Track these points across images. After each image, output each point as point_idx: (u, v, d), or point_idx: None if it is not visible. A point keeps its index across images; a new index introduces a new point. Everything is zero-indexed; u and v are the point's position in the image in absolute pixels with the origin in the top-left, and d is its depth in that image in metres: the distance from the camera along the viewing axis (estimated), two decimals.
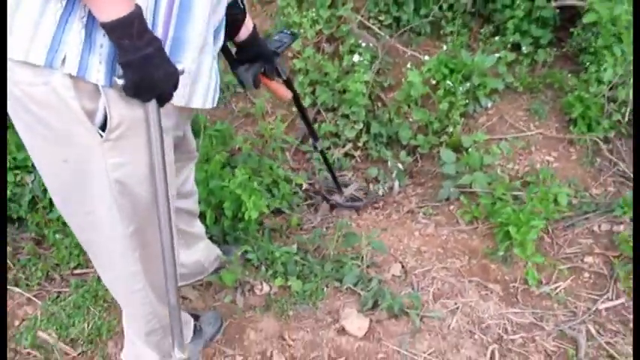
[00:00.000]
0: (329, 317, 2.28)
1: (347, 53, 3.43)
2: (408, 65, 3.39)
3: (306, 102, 3.45)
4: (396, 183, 3.26)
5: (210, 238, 2.60)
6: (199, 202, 2.40)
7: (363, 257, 2.50)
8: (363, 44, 3.47)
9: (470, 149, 3.10)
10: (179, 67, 1.36)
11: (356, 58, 3.30)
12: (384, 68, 3.53)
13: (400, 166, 3.31)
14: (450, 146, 3.20)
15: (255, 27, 1.88)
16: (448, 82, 3.25)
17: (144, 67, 1.19)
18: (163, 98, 1.30)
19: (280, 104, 3.56)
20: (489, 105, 3.34)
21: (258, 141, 3.05)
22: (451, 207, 3.01)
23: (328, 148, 3.43)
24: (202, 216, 2.52)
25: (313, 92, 3.44)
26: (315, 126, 3.40)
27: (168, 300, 1.59)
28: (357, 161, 3.44)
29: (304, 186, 3.18)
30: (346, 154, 3.43)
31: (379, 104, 3.50)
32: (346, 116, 3.38)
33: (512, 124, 3.02)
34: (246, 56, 1.95)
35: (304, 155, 3.46)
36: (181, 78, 1.39)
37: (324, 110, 3.49)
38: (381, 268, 2.65)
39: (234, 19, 1.73)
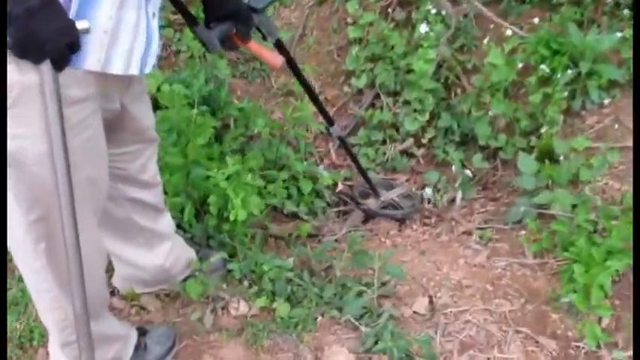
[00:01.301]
0: (312, 355, 2.23)
1: (420, 22, 3.38)
2: (491, 41, 3.24)
3: (362, 81, 3.46)
4: (459, 194, 3.17)
5: (192, 240, 2.64)
6: (180, 195, 2.47)
7: (375, 283, 2.41)
8: (443, 12, 3.36)
9: (561, 158, 2.92)
10: (83, 23, 1.38)
11: (423, 28, 3.22)
12: (469, 45, 3.43)
13: (469, 172, 3.22)
14: (538, 152, 3.04)
15: None
16: (543, 66, 3.08)
17: (27, 22, 1.22)
18: (58, 61, 1.31)
19: (333, 81, 3.55)
20: (606, 102, 3.09)
21: (277, 125, 3.04)
22: (522, 232, 2.84)
23: (383, 143, 3.39)
24: (179, 211, 2.55)
25: (372, 70, 3.45)
26: (370, 113, 3.38)
27: (73, 306, 1.60)
28: (417, 162, 3.38)
29: (339, 187, 3.17)
30: (404, 152, 3.40)
31: (457, 91, 3.41)
32: (409, 103, 3.31)
33: (632, 130, 2.78)
34: (214, 13, 1.98)
35: (353, 148, 3.40)
36: (94, 38, 1.42)
37: (385, 94, 3.44)
38: (400, 301, 2.56)
39: None
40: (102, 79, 1.54)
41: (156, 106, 2.79)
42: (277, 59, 2.12)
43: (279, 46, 2.16)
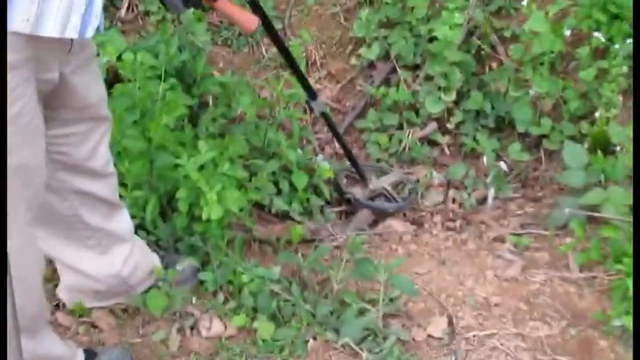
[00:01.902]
0: None
1: None
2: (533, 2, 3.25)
3: (374, 52, 3.48)
4: (491, 192, 3.17)
5: (155, 243, 2.66)
6: (141, 188, 2.49)
7: (380, 299, 2.43)
8: None
9: (618, 149, 2.95)
10: None
11: None
12: (507, 7, 3.47)
13: (504, 166, 3.23)
14: (590, 141, 3.07)
15: None
16: (598, 34, 3.09)
17: None
18: None
19: (338, 52, 3.58)
20: None
21: (266, 104, 3.06)
22: (566, 240, 2.86)
23: (399, 128, 3.41)
24: (141, 208, 2.57)
25: (386, 38, 3.48)
26: (382, 91, 3.39)
27: None
28: (441, 152, 3.41)
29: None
30: (425, 140, 3.42)
31: (491, 64, 3.44)
32: (431, 79, 3.33)
33: None
34: None
35: (360, 134, 3.47)
36: None
37: (402, 68, 3.45)
38: (412, 321, 2.51)
39: None
40: (34, 43, 1.57)
41: (116, 79, 2.82)
42: (250, 21, 2.13)
43: (254, 3, 2.18)
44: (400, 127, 3.36)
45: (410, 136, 3.35)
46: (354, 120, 3.44)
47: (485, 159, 3.21)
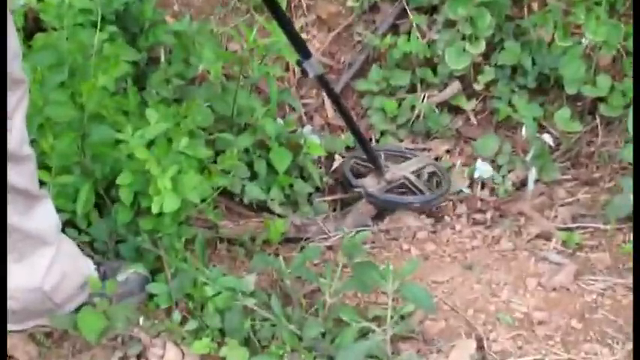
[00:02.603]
0: None
1: None
2: None
3: None
4: (532, 174, 3.14)
5: (90, 245, 2.64)
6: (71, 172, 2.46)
7: (388, 317, 2.39)
8: None
9: None
10: None
11: None
12: None
13: (548, 139, 3.18)
14: None
15: None
16: None
17: None
18: None
19: None
20: None
21: (235, 59, 3.02)
22: (632, 236, 2.84)
23: (411, 90, 3.39)
24: (70, 199, 2.54)
25: None
26: (389, 41, 3.37)
27: None
28: (466, 122, 3.38)
29: (335, 164, 3.20)
30: (445, 106, 3.39)
31: (533, 5, 3.43)
32: (452, 25, 3.30)
33: None
34: None
35: (359, 99, 3.48)
36: None
37: (414, 10, 3.45)
38: (429, 345, 2.48)
39: None
40: None
41: (37, 27, 2.80)
42: None
43: None
44: (412, 90, 3.39)
45: (425, 101, 3.36)
46: (352, 80, 3.42)
47: (524, 130, 3.19)
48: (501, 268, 2.76)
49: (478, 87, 3.35)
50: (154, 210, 2.46)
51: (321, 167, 3.05)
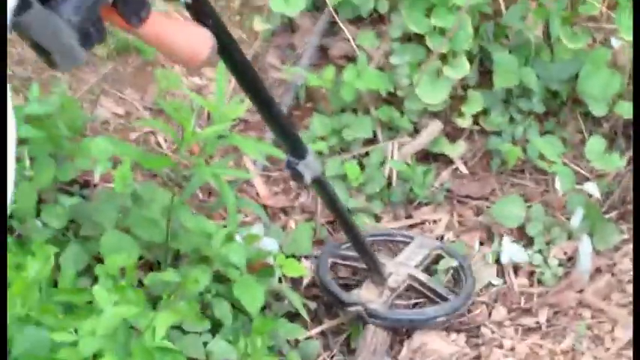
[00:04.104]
0: None
1: None
2: None
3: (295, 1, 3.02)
4: (584, 243, 2.67)
5: None
6: None
7: None
8: None
9: None
10: None
11: None
12: None
13: (594, 190, 2.77)
14: None
15: None
16: None
17: None
18: None
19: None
20: None
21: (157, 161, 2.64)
22: None
23: (371, 141, 2.95)
24: None
25: None
26: (326, 75, 2.92)
27: None
28: (454, 173, 2.97)
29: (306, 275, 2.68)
30: (423, 156, 2.95)
31: None
32: (413, 39, 2.90)
33: None
34: None
35: None
36: None
37: (348, 22, 3.03)
38: None
39: None
40: None
41: None
42: (203, 42, 1.71)
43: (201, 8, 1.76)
44: (372, 140, 2.90)
45: (395, 154, 2.86)
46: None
47: (557, 182, 2.76)
48: None
49: (464, 123, 2.84)
50: None
51: (300, 290, 2.53)
